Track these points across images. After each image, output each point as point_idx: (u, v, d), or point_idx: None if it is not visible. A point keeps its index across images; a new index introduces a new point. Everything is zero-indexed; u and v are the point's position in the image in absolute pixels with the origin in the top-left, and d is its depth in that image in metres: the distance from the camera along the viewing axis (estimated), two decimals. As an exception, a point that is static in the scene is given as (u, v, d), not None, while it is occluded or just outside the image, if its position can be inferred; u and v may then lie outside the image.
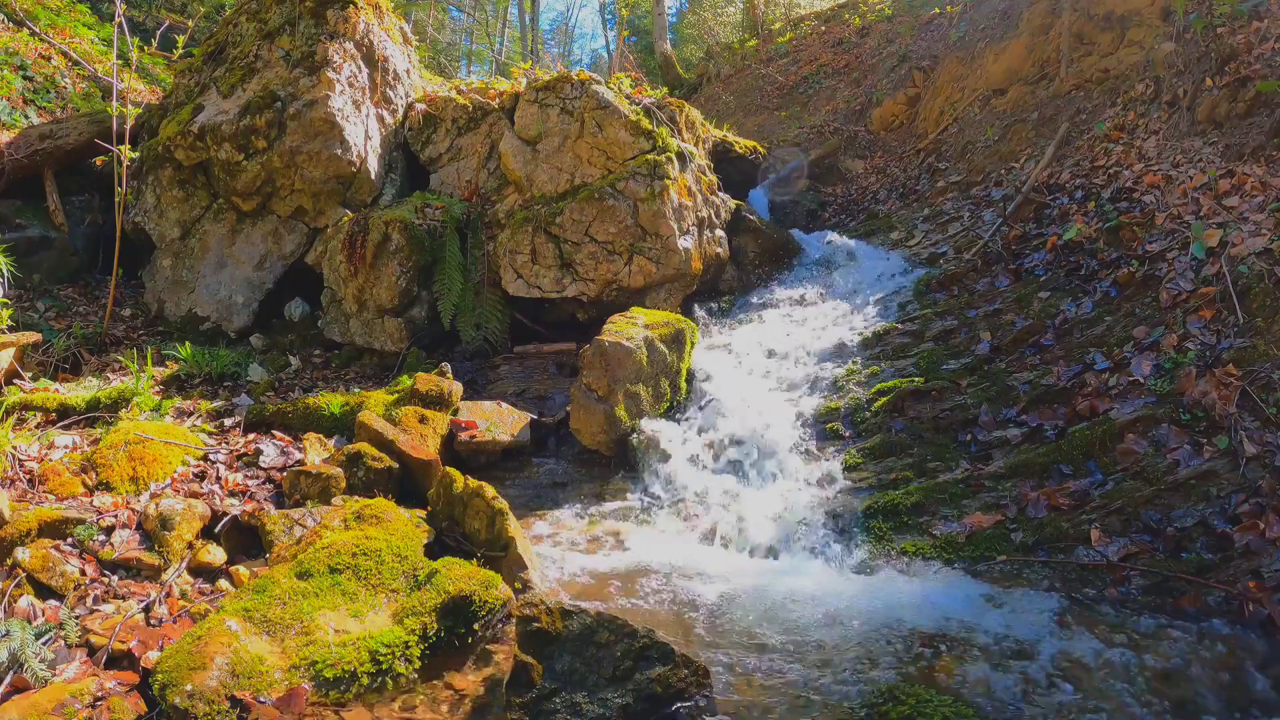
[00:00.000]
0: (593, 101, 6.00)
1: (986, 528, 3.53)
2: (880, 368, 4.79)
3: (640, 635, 2.43)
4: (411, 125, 6.62)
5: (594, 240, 5.76)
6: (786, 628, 2.95)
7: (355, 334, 5.80)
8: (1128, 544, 3.24)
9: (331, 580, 2.82)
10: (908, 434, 4.19)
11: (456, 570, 2.90)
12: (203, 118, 5.92)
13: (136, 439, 3.72)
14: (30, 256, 5.94)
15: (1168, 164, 5.11)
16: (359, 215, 5.88)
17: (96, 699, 2.38)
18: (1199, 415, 3.53)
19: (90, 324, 5.65)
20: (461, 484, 3.46)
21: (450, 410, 4.56)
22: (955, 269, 5.62)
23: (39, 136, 6.26)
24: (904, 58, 9.97)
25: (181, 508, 3.29)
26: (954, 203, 6.85)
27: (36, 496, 3.37)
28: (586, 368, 4.53)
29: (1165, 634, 2.74)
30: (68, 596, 2.87)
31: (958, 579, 3.31)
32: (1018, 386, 4.19)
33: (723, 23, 17.62)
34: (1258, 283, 3.83)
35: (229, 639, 2.47)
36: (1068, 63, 7.08)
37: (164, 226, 6.18)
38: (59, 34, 8.31)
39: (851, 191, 8.60)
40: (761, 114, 11.58)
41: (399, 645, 2.60)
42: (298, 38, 6.06)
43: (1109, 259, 4.75)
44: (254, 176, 5.90)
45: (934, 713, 2.27)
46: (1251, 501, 3.13)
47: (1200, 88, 5.15)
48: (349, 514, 3.30)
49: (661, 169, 5.83)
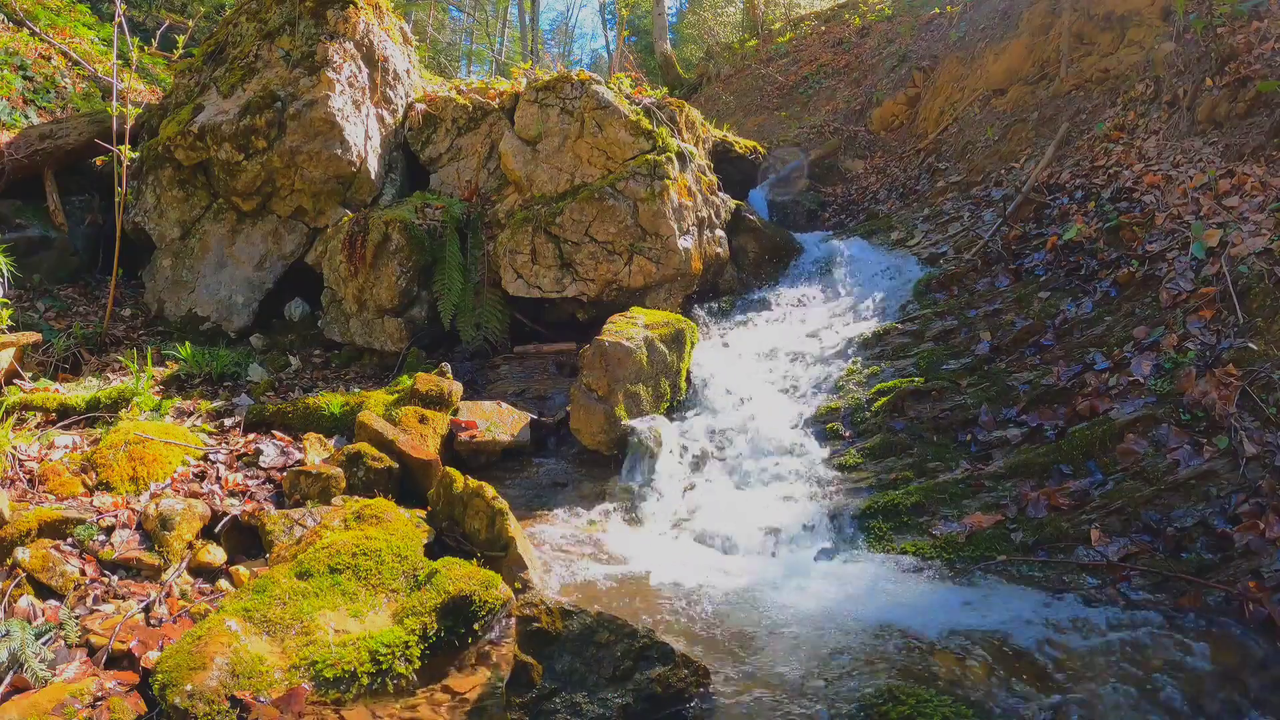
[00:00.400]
0: (593, 101, 6.00)
1: (986, 528, 3.53)
2: (880, 368, 4.79)
3: (640, 635, 2.43)
4: (411, 125, 6.62)
5: (594, 240, 5.76)
6: (786, 628, 2.95)
7: (355, 334, 5.80)
8: (1128, 544, 3.24)
9: (331, 580, 2.82)
10: (908, 434, 4.19)
11: (456, 570, 2.90)
12: (203, 118, 5.92)
13: (136, 439, 3.72)
14: (30, 256, 5.94)
15: (1168, 164, 5.11)
16: (359, 215, 5.88)
17: (96, 699, 2.38)
18: (1199, 415, 3.53)
19: (90, 324, 5.65)
20: (461, 484, 3.46)
21: (450, 410, 4.56)
22: (955, 269, 5.62)
23: (39, 136, 6.26)
24: (904, 58, 9.97)
25: (181, 508, 3.29)
26: (954, 203, 6.85)
27: (36, 496, 3.37)
28: (586, 368, 4.54)
29: (1165, 634, 2.73)
30: (68, 596, 2.88)
31: (958, 579, 3.31)
32: (1018, 386, 4.19)
33: (723, 23, 17.61)
34: (1258, 283, 3.83)
35: (229, 639, 2.47)
36: (1068, 63, 7.08)
37: (164, 226, 6.18)
38: (59, 34, 8.31)
39: (851, 191, 8.60)
40: (761, 114, 11.58)
41: (399, 645, 2.60)
42: (298, 38, 6.06)
43: (1109, 259, 4.75)
44: (254, 176, 5.90)
45: (934, 713, 2.26)
46: (1251, 501, 3.13)
47: (1200, 88, 5.15)
48: (349, 514, 3.31)
49: (661, 169, 5.83)
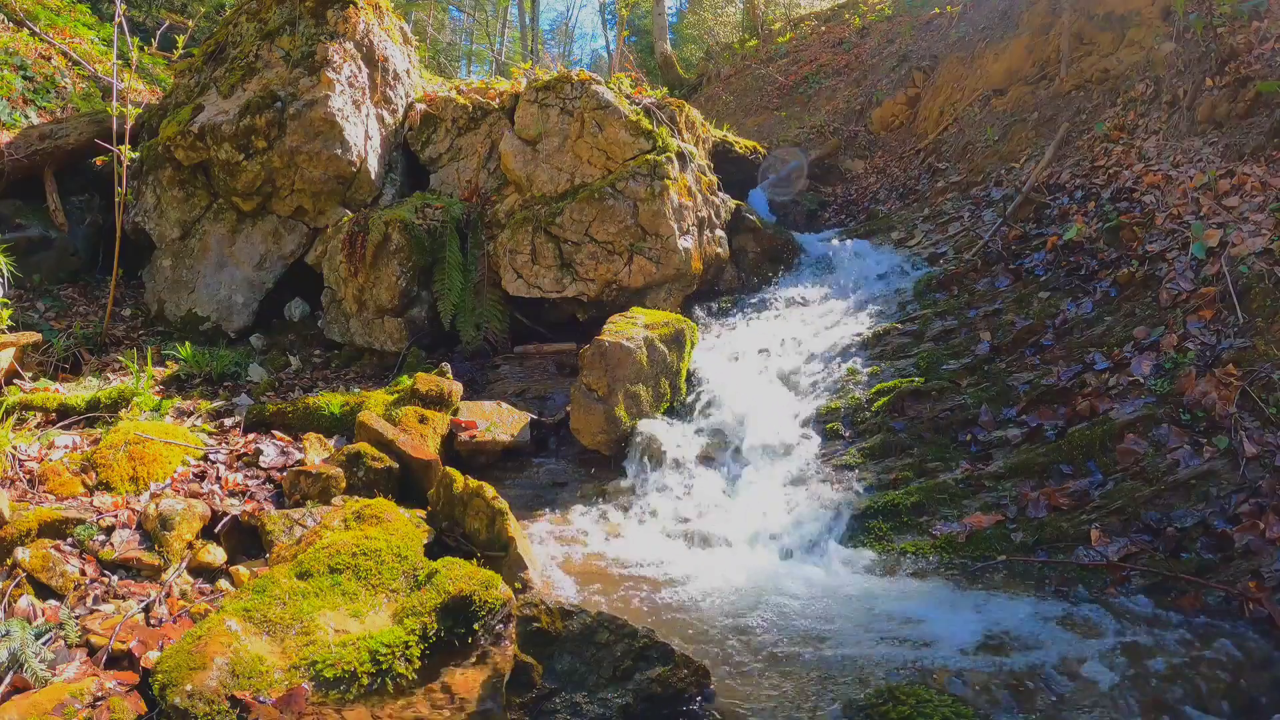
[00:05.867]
0: (593, 101, 6.00)
1: (986, 528, 3.53)
2: (880, 368, 4.79)
3: (640, 635, 2.43)
4: (411, 125, 6.62)
5: (594, 240, 5.76)
6: (786, 628, 2.95)
7: (355, 334, 5.80)
8: (1128, 544, 3.24)
9: (331, 580, 2.82)
10: (908, 434, 4.19)
11: (456, 570, 2.90)
12: (203, 118, 5.92)
13: (136, 439, 3.72)
14: (30, 256, 5.94)
15: (1168, 164, 5.11)
16: (359, 215, 5.88)
17: (96, 699, 2.37)
18: (1199, 415, 3.53)
19: (90, 324, 5.65)
20: (461, 484, 3.45)
21: (450, 410, 4.56)
22: (955, 269, 5.62)
23: (39, 136, 6.26)
24: (904, 58, 9.97)
25: (181, 508, 3.29)
26: (954, 203, 6.85)
27: (36, 496, 3.37)
28: (586, 368, 4.53)
29: (1165, 634, 2.74)
30: (68, 596, 2.87)
31: (957, 579, 3.31)
32: (1018, 386, 4.19)
33: (723, 23, 17.60)
34: (1258, 283, 3.83)
35: (229, 639, 2.47)
36: (1068, 63, 7.08)
37: (164, 226, 6.18)
38: (59, 34, 8.31)
39: (851, 191, 8.60)
40: (761, 114, 11.58)
41: (399, 645, 2.59)
42: (298, 38, 6.06)
43: (1109, 259, 4.75)
44: (254, 176, 5.90)
45: (934, 713, 2.26)
46: (1251, 501, 3.13)
47: (1200, 88, 5.14)
48: (349, 514, 3.30)
49: (661, 169, 5.83)
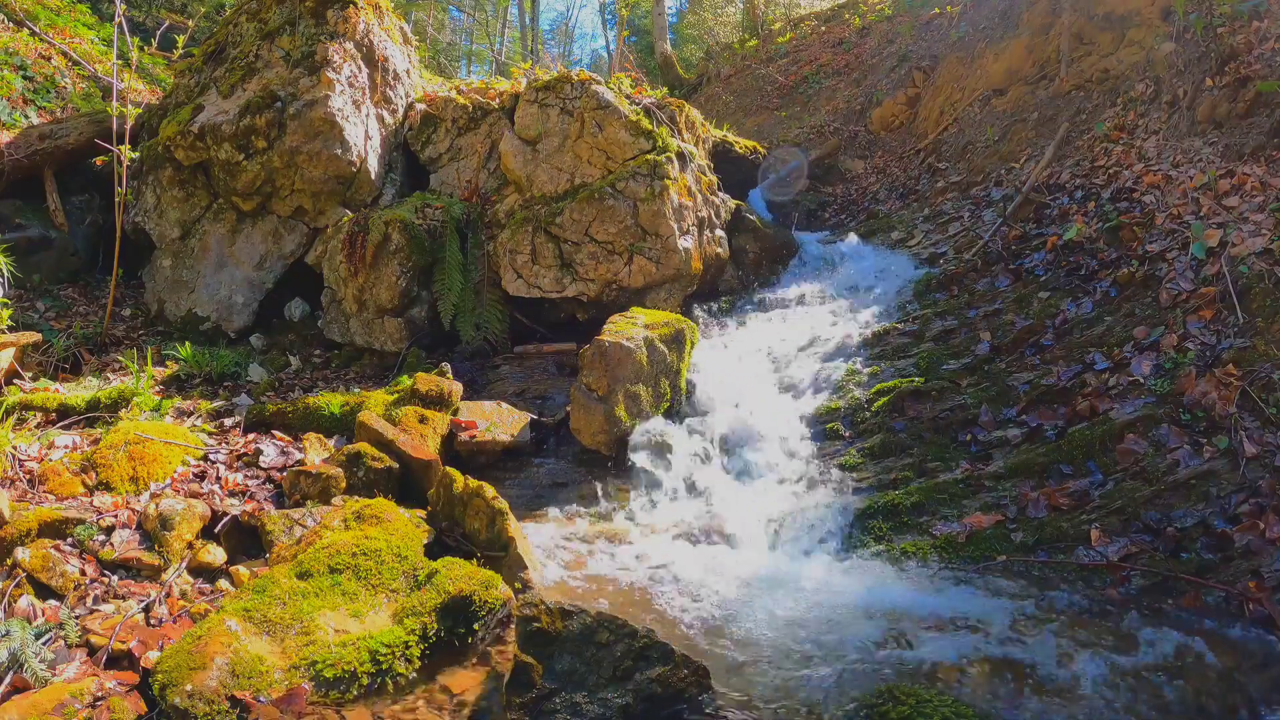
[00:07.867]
0: (593, 101, 6.00)
1: (986, 528, 3.53)
2: (880, 368, 4.79)
3: (640, 635, 2.43)
4: (411, 125, 6.62)
5: (594, 240, 5.76)
6: (786, 628, 2.95)
7: (355, 334, 5.80)
8: (1128, 544, 3.24)
9: (331, 580, 2.82)
10: (908, 434, 4.19)
11: (456, 570, 2.90)
12: (203, 118, 5.92)
13: (136, 439, 3.72)
14: (30, 256, 5.93)
15: (1168, 164, 5.11)
16: (359, 215, 5.88)
17: (96, 699, 2.37)
18: (1199, 415, 3.54)
19: (90, 324, 5.65)
20: (461, 484, 3.45)
21: (450, 410, 4.56)
22: (955, 269, 5.62)
23: (39, 136, 6.26)
24: (904, 58, 9.97)
25: (181, 508, 3.29)
26: (954, 203, 6.85)
27: (36, 496, 3.37)
28: (586, 368, 4.53)
29: (1165, 634, 2.73)
30: (68, 596, 2.87)
31: (958, 579, 3.31)
32: (1018, 386, 4.19)
33: (723, 23, 17.59)
34: (1258, 283, 3.83)
35: (229, 639, 2.47)
36: (1068, 63, 7.08)
37: (164, 226, 6.18)
38: (59, 34, 8.30)
39: (851, 191, 8.60)
40: (761, 114, 11.58)
41: (399, 645, 2.60)
42: (298, 38, 6.06)
43: (1109, 259, 4.75)
44: (254, 176, 5.89)
45: (934, 713, 2.26)
46: (1251, 501, 3.13)
47: (1200, 88, 5.14)
48: (349, 514, 3.31)
49: (661, 169, 5.83)
